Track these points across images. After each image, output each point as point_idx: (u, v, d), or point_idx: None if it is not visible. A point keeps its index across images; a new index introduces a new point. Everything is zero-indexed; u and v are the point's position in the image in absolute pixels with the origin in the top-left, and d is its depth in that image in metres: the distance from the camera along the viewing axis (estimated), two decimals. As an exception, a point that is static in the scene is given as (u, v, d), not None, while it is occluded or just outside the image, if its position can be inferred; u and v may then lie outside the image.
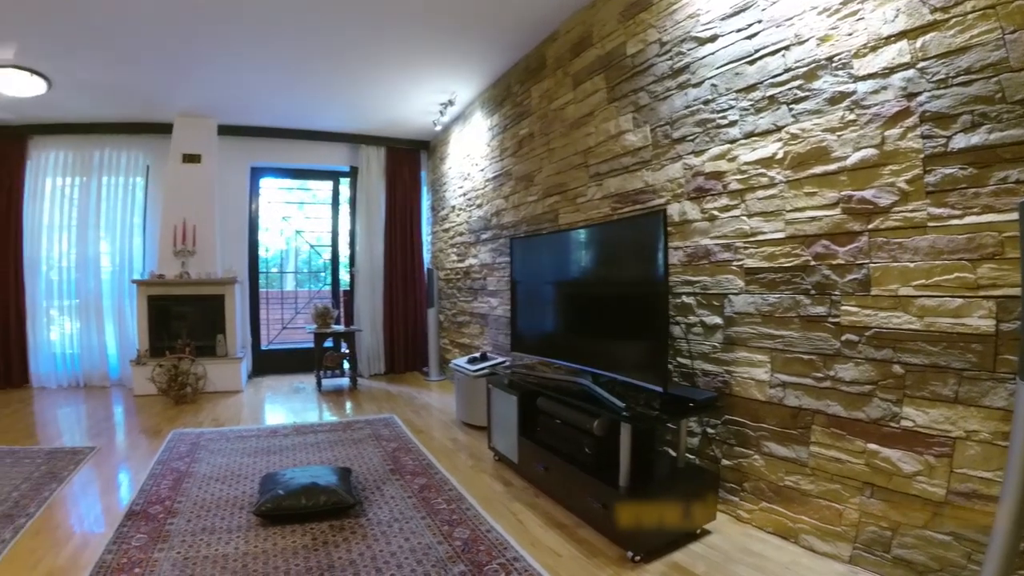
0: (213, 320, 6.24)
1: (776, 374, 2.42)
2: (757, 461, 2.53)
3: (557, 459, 2.87)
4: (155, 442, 4.05)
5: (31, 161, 6.26)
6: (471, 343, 5.78)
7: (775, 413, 2.43)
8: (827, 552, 2.23)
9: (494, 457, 3.60)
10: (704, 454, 2.82)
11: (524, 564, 2.26)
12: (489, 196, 5.34)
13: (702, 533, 2.50)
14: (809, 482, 2.30)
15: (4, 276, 6.08)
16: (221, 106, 6.05)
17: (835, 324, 2.18)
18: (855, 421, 2.12)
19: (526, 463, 3.20)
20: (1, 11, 3.79)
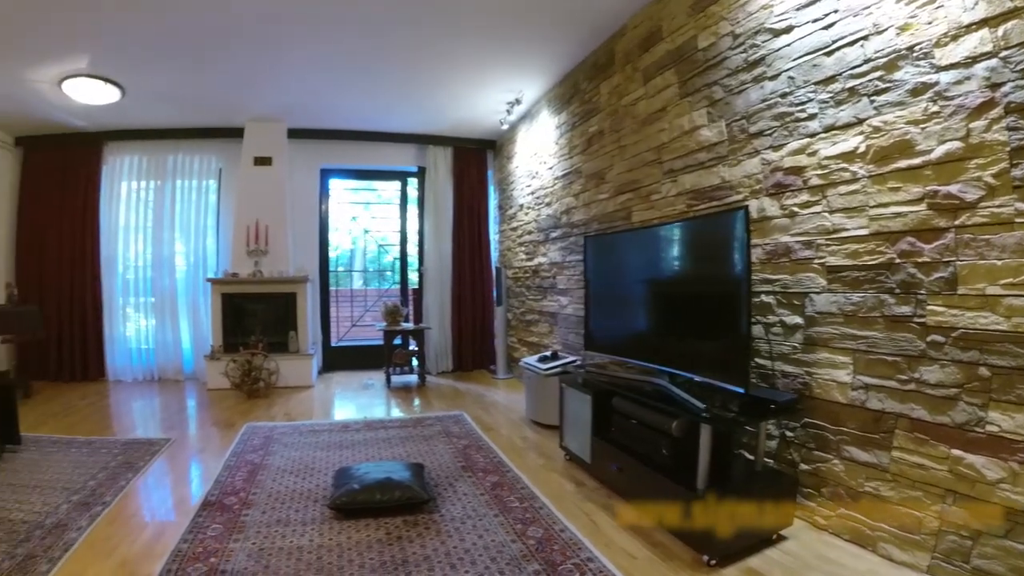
0: (285, 317, 6.61)
1: (859, 376, 2.41)
2: (836, 466, 2.53)
3: (632, 460, 2.91)
4: (229, 435, 4.32)
5: (107, 166, 6.78)
6: (540, 342, 5.89)
7: (856, 416, 2.42)
8: (905, 561, 2.21)
9: (565, 456, 3.68)
10: (782, 458, 2.83)
11: (599, 565, 2.30)
12: (558, 194, 5.43)
13: (778, 539, 2.51)
14: (890, 488, 2.29)
15: (82, 275, 6.64)
16: (291, 110, 6.37)
17: (920, 324, 2.16)
18: (939, 426, 2.10)
19: (599, 463, 3.26)
20: (75, 22, 4.09)
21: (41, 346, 6.40)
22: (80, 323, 6.62)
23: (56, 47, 4.50)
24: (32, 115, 6.02)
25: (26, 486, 3.25)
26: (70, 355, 6.61)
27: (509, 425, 4.59)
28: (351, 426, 4.56)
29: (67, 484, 3.28)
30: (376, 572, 2.29)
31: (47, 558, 2.47)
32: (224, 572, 2.29)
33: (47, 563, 2.43)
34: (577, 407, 3.52)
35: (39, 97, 5.48)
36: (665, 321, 3.25)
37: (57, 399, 5.67)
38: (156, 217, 6.88)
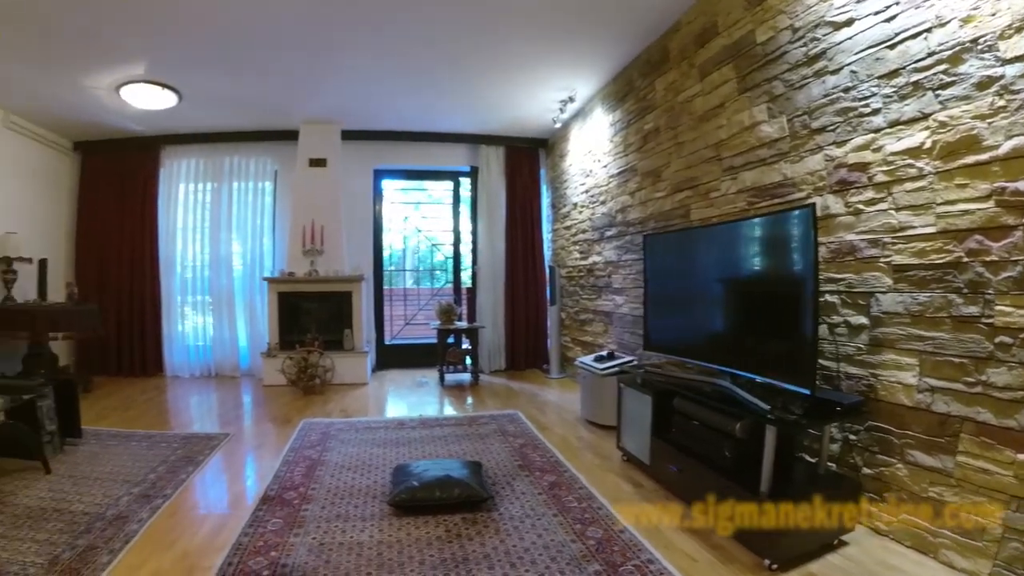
0: (340, 316, 6.86)
1: (924, 378, 2.40)
2: (900, 470, 2.51)
3: (693, 461, 2.94)
4: (286, 430, 4.52)
5: (164, 169, 7.17)
6: (594, 341, 5.94)
7: (921, 420, 2.41)
8: (966, 568, 2.20)
9: (622, 457, 3.73)
10: (844, 461, 2.82)
11: (660, 567, 2.33)
12: (613, 192, 5.47)
13: (839, 544, 2.52)
14: (953, 494, 2.27)
15: (141, 275, 7.04)
16: (345, 112, 6.61)
17: (988, 325, 2.14)
18: (1005, 430, 2.08)
19: (658, 464, 3.30)
20: (132, 29, 4.34)
21: (101, 343, 6.79)
22: (139, 321, 7.02)
23: (114, 54, 4.78)
24: (90, 120, 6.39)
25: (87, 478, 3.44)
26: (129, 351, 7.02)
27: (564, 425, 4.66)
28: (407, 424, 4.71)
29: (127, 477, 3.46)
30: (436, 569, 2.35)
31: (107, 549, 2.57)
32: (285, 566, 2.38)
33: (108, 554, 2.53)
34: (636, 407, 3.56)
35: (97, 103, 5.82)
36: (728, 321, 3.27)
37: (117, 394, 6.00)
38: (213, 218, 7.24)
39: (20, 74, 5.09)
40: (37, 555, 2.51)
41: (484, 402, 5.60)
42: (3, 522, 2.85)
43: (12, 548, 2.57)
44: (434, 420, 4.86)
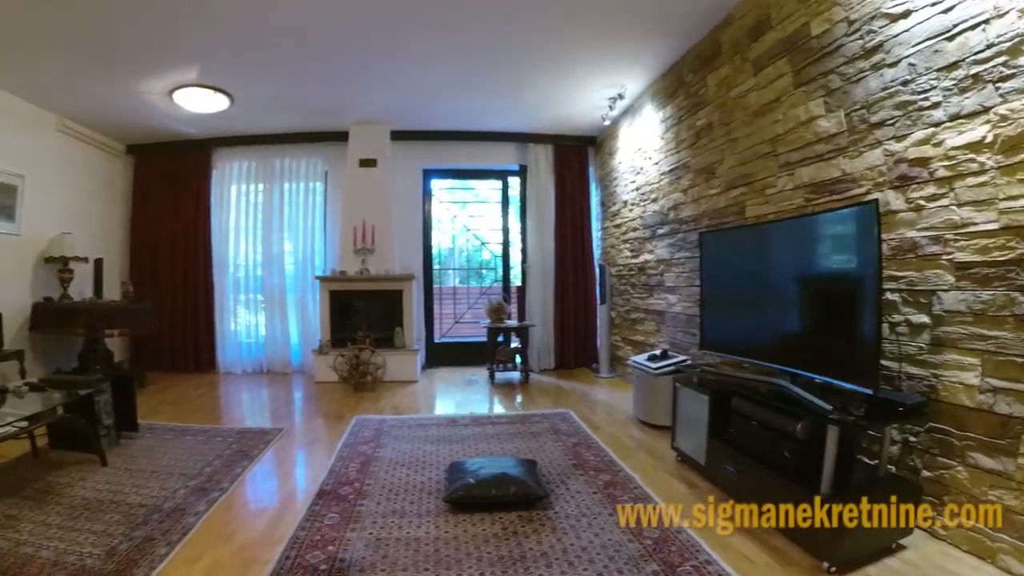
0: (391, 314, 7.07)
1: (987, 378, 2.38)
2: (960, 473, 2.50)
3: (751, 462, 2.95)
4: (339, 426, 4.69)
5: (216, 171, 7.54)
6: (645, 340, 5.96)
7: (983, 421, 2.39)
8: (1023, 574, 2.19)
9: (676, 457, 3.76)
10: (903, 463, 2.80)
11: (717, 568, 2.36)
12: (665, 190, 5.49)
13: (897, 548, 2.51)
14: (1014, 497, 2.25)
15: (194, 274, 7.42)
16: (394, 113, 6.80)
17: (1053, 324, 2.13)
18: (1069, 432, 2.07)
19: (714, 465, 3.32)
20: (185, 35, 4.56)
21: (155, 339, 7.16)
22: (192, 318, 7.39)
23: (167, 60, 5.02)
24: (142, 124, 6.72)
25: (143, 471, 3.61)
26: (183, 348, 7.39)
27: (616, 424, 4.72)
28: (459, 421, 4.83)
29: (183, 470, 3.63)
30: (494, 566, 2.41)
31: (165, 541, 2.69)
32: (343, 560, 2.47)
33: (165, 546, 2.64)
34: (692, 407, 3.58)
35: (150, 107, 6.12)
36: (788, 320, 3.26)
37: (171, 389, 6.32)
38: (265, 218, 7.55)
39: (74, 81, 5.41)
40: (94, 546, 2.63)
41: (535, 400, 5.69)
42: (61, 513, 3.00)
43: (69, 539, 2.70)
44: (486, 418, 4.98)
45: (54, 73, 5.19)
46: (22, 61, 4.88)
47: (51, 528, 2.83)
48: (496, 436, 4.36)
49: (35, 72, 5.15)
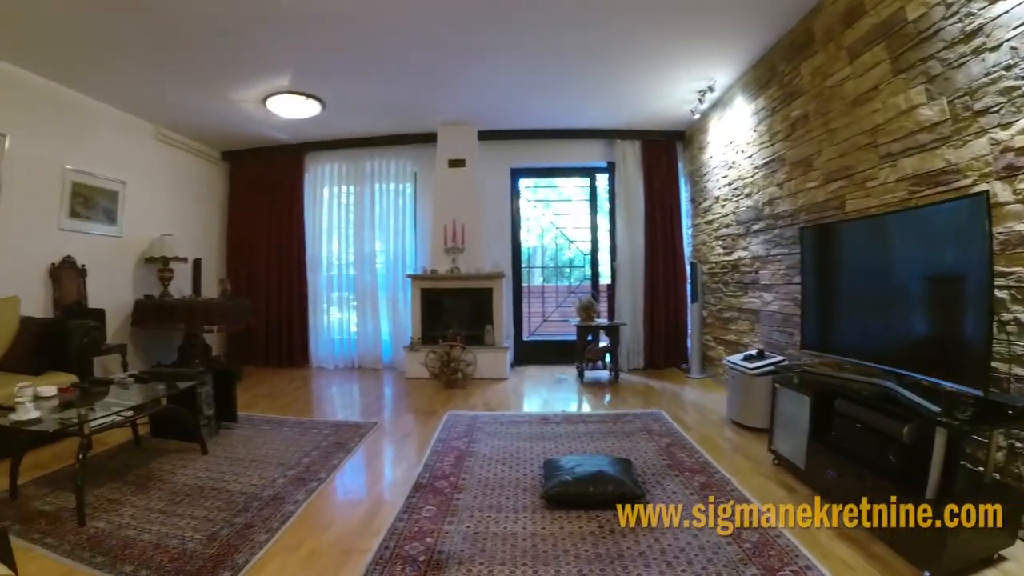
0: (481, 311, 7.30)
1: (1104, 379, 2.31)
2: (1071, 481, 2.41)
3: (853, 466, 2.92)
4: (431, 422, 4.90)
5: (308, 174, 8.04)
6: (739, 340, 5.91)
7: (1097, 426, 2.31)
8: None
9: (773, 460, 3.74)
10: (1008, 470, 2.72)
11: (817, 573, 2.36)
12: (759, 184, 5.43)
13: (999, 559, 2.45)
14: None
15: (288, 272, 7.95)
16: (481, 113, 7.01)
17: None
18: None
19: (813, 469, 3.28)
20: (275, 45, 4.89)
21: (251, 335, 7.73)
22: (287, 315, 7.92)
23: (260, 69, 5.40)
24: (237, 131, 7.29)
25: (243, 460, 3.87)
26: (277, 343, 7.93)
27: (710, 425, 4.72)
28: (550, 419, 4.94)
29: (282, 460, 3.86)
30: (592, 564, 2.47)
31: (265, 528, 2.85)
32: (441, 552, 2.56)
33: (265, 532, 2.80)
34: (792, 409, 3.55)
35: (244, 115, 6.61)
36: (894, 318, 3.17)
37: (266, 382, 6.76)
38: (356, 219, 7.97)
39: (172, 93, 5.94)
40: (195, 530, 2.82)
41: (625, 400, 5.73)
42: (162, 498, 3.23)
43: (171, 523, 2.91)
44: (577, 416, 5.09)
45: (150, 86, 5.71)
46: (120, 74, 5.39)
47: (153, 512, 3.05)
48: (588, 435, 4.43)
49: (133, 85, 5.67)
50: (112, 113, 6.30)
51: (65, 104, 5.67)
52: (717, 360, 6.52)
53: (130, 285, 6.68)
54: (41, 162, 5.43)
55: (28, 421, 3.01)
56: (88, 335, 4.82)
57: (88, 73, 5.35)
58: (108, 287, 6.24)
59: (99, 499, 3.22)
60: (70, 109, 5.74)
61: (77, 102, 5.82)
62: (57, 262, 5.63)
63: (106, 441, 4.17)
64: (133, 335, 6.58)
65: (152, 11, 4.23)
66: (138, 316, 6.48)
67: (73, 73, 5.35)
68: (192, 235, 7.58)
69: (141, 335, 6.66)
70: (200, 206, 7.95)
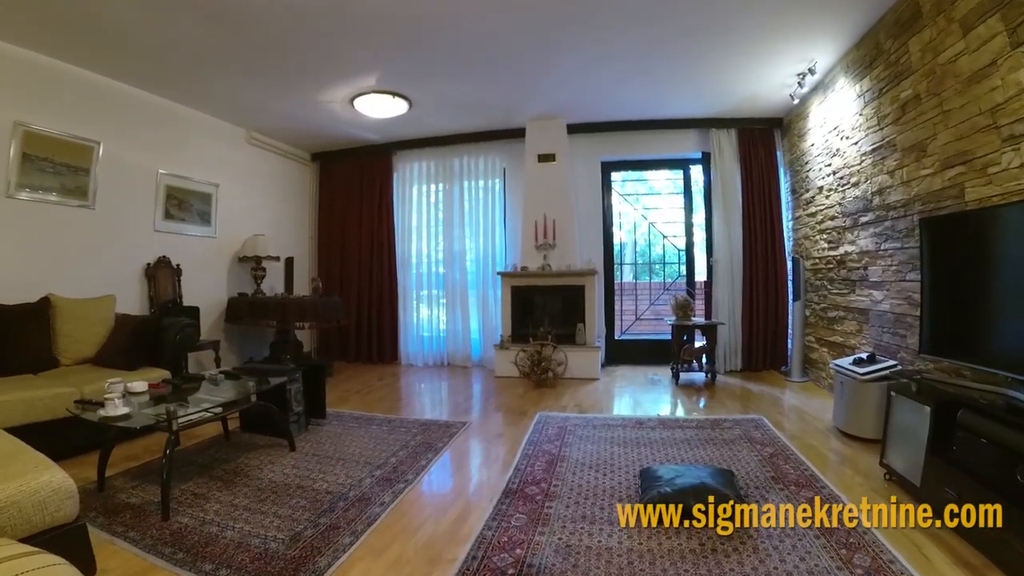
0: (573, 309, 7.26)
1: None
2: None
3: (976, 486, 2.65)
4: (522, 423, 4.86)
5: (397, 173, 8.23)
6: (844, 342, 5.58)
7: None
8: None
9: (885, 475, 3.47)
10: None
11: None
12: (868, 172, 5.10)
13: None
14: None
15: (379, 270, 8.16)
16: (569, 106, 6.95)
17: None
18: None
19: (931, 486, 3.00)
20: (364, 44, 4.97)
21: (342, 332, 8.01)
22: (377, 312, 8.13)
23: (347, 70, 5.56)
24: (326, 133, 7.57)
25: (330, 458, 3.92)
26: (367, 340, 8.16)
27: (814, 434, 4.46)
28: (645, 423, 4.80)
29: (369, 459, 3.89)
30: None
31: (350, 531, 2.82)
32: (531, 566, 2.47)
33: (350, 536, 2.78)
34: (908, 420, 3.29)
35: (332, 116, 6.84)
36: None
37: (356, 378, 6.95)
38: (446, 217, 8.10)
39: (261, 99, 6.24)
40: (279, 530, 2.83)
41: (723, 404, 5.52)
42: (248, 495, 3.28)
43: (255, 521, 2.94)
44: (673, 421, 4.91)
45: (240, 92, 6.01)
46: (210, 82, 5.73)
47: (237, 509, 3.10)
48: (686, 441, 4.27)
49: (223, 92, 6.01)
50: (204, 119, 6.68)
51: (158, 111, 6.08)
52: (820, 363, 6.19)
53: (224, 283, 7.06)
54: (135, 167, 5.82)
55: (116, 417, 3.13)
56: (182, 332, 5.03)
57: (179, 82, 5.70)
58: (202, 285, 6.60)
59: (185, 493, 3.33)
60: (163, 116, 6.14)
61: (170, 109, 6.20)
62: (152, 262, 6.00)
63: (198, 434, 4.34)
64: (227, 331, 6.96)
65: (240, 19, 4.41)
66: (232, 313, 6.82)
67: (164, 83, 5.72)
68: (284, 235, 7.94)
69: (235, 332, 7.03)
70: (291, 206, 8.31)
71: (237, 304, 6.82)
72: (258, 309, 6.67)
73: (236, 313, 6.79)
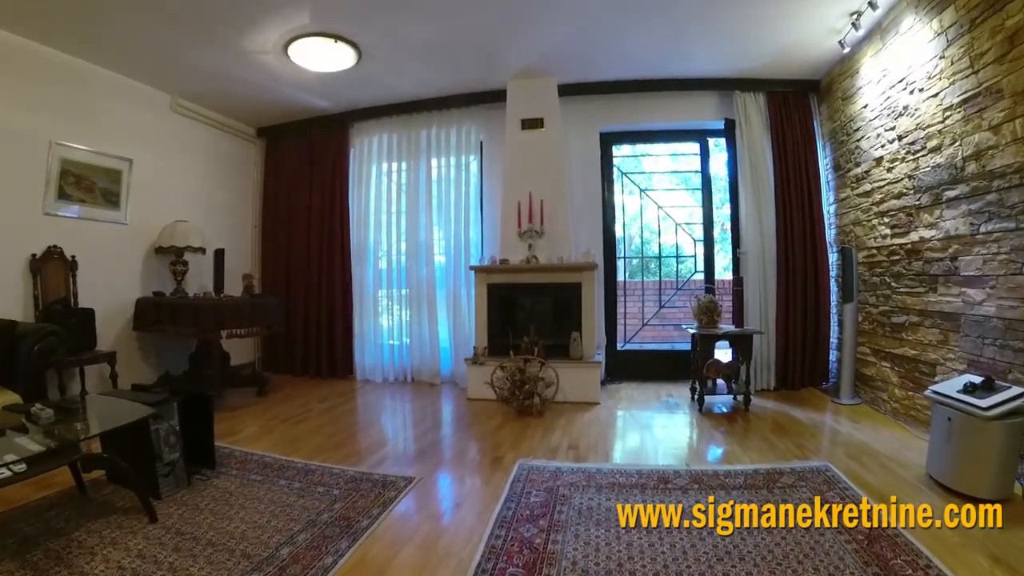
0: (566, 314, 6.12)
1: None
2: None
3: None
4: (495, 477, 3.63)
5: (354, 149, 7.16)
6: (919, 356, 4.46)
7: None
8: None
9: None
10: None
11: None
12: (956, 132, 3.97)
13: None
14: None
15: (331, 266, 7.08)
16: (561, 60, 5.87)
17: None
18: None
19: None
20: None
21: (288, 340, 6.98)
22: (328, 316, 7.06)
23: (269, 3, 4.50)
24: (268, 99, 6.49)
25: (198, 540, 2.75)
26: (316, 350, 7.08)
27: (907, 488, 3.27)
28: (671, 479, 3.50)
29: (250, 547, 2.67)
30: None
31: None
32: None
33: None
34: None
35: (270, 75, 5.78)
36: None
37: (295, 399, 5.80)
38: (410, 200, 7.00)
39: (178, 50, 5.24)
40: None
41: (767, 440, 4.31)
42: None
43: None
44: (711, 476, 3.57)
45: (150, 40, 5.06)
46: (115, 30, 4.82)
47: None
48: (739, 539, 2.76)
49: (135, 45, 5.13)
50: (116, 80, 5.71)
51: (51, 68, 5.10)
52: (878, 380, 5.10)
53: (137, 280, 6.03)
54: (18, 135, 4.84)
55: None
56: (43, 342, 4.01)
57: (69, 28, 4.76)
58: (107, 282, 5.60)
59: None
60: (58, 74, 5.16)
61: (68, 65, 5.28)
62: (40, 253, 5.05)
63: (55, 481, 3.28)
64: (142, 340, 5.89)
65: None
66: (140, 317, 5.67)
67: (52, 29, 4.75)
68: (217, 222, 6.93)
69: (150, 340, 5.93)
70: (229, 189, 7.31)
71: (145, 306, 5.63)
72: (165, 313, 5.49)
73: (145, 318, 5.60)
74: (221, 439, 4.16)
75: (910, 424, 4.52)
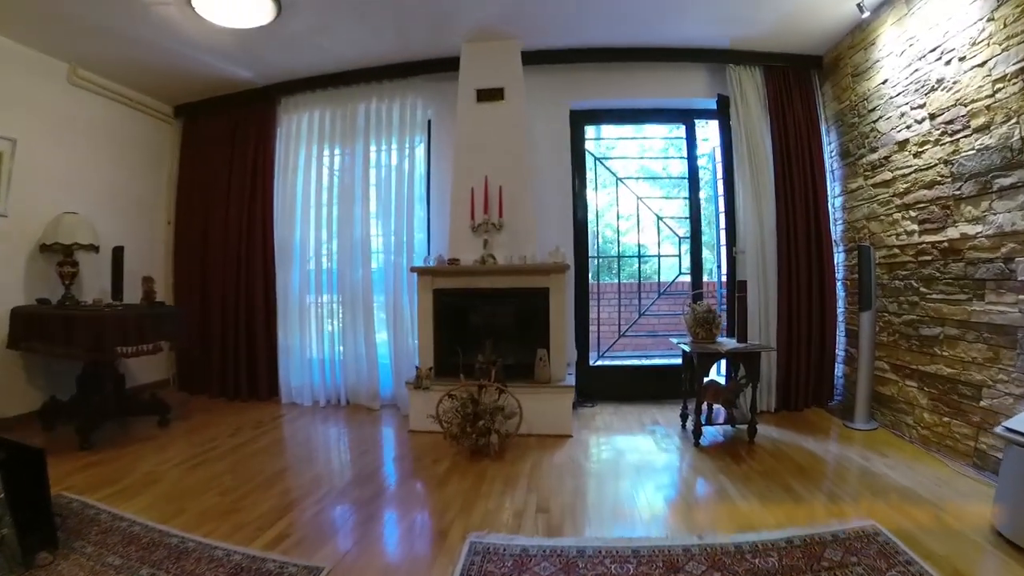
0: (530, 326, 5.32)
1: None
2: None
3: None
4: (437, 565, 2.75)
5: (281, 128, 6.42)
6: (959, 375, 3.90)
7: None
8: None
9: None
10: None
11: None
12: (1010, 107, 3.42)
13: None
14: None
15: (251, 267, 6.30)
16: (525, 18, 5.18)
17: None
18: None
19: None
20: None
21: (204, 355, 6.28)
22: (248, 328, 6.30)
23: None
24: (182, 68, 5.76)
25: None
26: (235, 368, 6.29)
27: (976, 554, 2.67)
28: (680, 562, 2.67)
29: None
30: None
31: None
32: None
33: None
34: None
35: (173, 33, 5.02)
36: None
37: (202, 430, 5.05)
38: (344, 190, 6.24)
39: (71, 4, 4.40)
40: None
41: (790, 490, 3.58)
42: None
43: None
44: (733, 551, 2.77)
45: None
46: None
47: None
48: None
49: None
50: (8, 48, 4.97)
51: None
52: (901, 402, 4.57)
53: (20, 285, 5.18)
54: None
55: None
56: None
57: None
58: None
59: None
60: None
61: None
62: None
63: None
64: (27, 358, 5.05)
65: None
66: (16, 332, 4.82)
67: None
68: (121, 216, 6.18)
69: (35, 358, 5.08)
70: (138, 177, 6.52)
71: (24, 318, 4.79)
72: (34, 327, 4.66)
73: (22, 332, 4.76)
74: (94, 492, 3.42)
75: (946, 456, 3.96)
